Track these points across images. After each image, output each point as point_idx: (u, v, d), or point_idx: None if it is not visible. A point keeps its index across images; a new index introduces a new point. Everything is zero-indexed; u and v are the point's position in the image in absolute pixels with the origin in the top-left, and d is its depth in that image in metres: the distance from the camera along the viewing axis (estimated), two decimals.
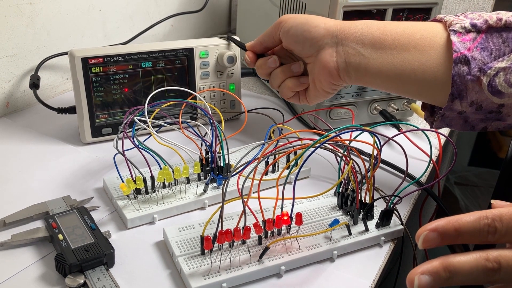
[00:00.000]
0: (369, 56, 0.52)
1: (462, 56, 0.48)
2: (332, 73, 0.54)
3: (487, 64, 0.47)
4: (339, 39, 0.53)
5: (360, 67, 0.53)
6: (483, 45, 0.48)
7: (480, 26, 0.48)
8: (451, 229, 0.36)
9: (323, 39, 0.54)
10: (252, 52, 0.62)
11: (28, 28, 0.72)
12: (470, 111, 0.50)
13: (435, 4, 0.68)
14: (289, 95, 0.61)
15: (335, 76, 0.54)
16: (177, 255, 0.45)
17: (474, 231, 0.36)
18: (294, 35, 0.56)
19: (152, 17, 0.94)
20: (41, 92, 0.76)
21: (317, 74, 0.56)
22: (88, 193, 0.56)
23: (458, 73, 0.48)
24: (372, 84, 0.54)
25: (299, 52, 0.57)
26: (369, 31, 0.53)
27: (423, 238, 0.36)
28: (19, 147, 0.64)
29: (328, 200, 0.55)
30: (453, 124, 0.53)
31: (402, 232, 0.52)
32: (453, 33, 0.49)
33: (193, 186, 0.55)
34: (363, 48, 0.52)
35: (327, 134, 0.46)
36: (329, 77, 0.55)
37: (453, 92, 0.49)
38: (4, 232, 0.49)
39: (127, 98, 0.66)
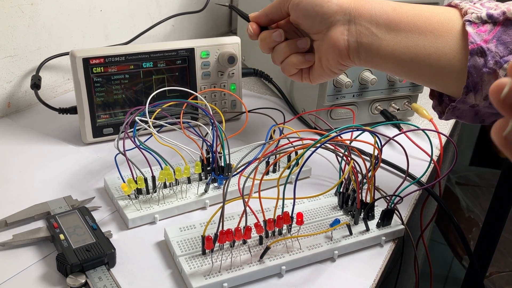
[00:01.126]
0: (383, 37, 0.50)
1: (478, 48, 0.46)
2: (341, 52, 0.52)
3: (503, 58, 0.45)
4: (352, 17, 0.51)
5: (372, 48, 0.51)
6: (499, 38, 0.46)
7: (497, 18, 0.46)
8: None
9: (335, 15, 0.51)
10: (255, 24, 0.58)
11: (30, 29, 0.73)
12: (484, 104, 0.48)
13: (435, 4, 0.68)
14: (292, 72, 0.58)
15: (344, 55, 0.52)
16: (178, 255, 0.45)
17: None
18: (304, 9, 0.53)
19: (153, 17, 0.94)
20: (42, 92, 0.76)
21: (324, 52, 0.54)
22: (89, 193, 0.56)
23: (474, 65, 0.46)
24: (382, 66, 0.52)
25: (308, 27, 0.54)
26: (384, 11, 0.50)
27: (510, 85, 0.28)
28: (20, 147, 0.65)
29: (329, 200, 0.55)
30: (463, 116, 0.51)
31: (403, 232, 0.52)
32: (468, 24, 0.47)
33: (194, 186, 0.56)
34: (376, 28, 0.50)
35: (328, 134, 0.46)
36: (338, 56, 0.53)
37: (468, 85, 0.47)
38: (6, 232, 0.49)
39: (128, 98, 0.66)
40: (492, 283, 1.30)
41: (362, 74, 0.69)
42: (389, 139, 0.49)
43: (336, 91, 0.69)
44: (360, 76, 0.69)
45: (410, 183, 0.55)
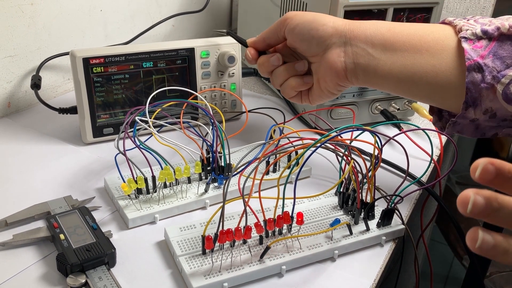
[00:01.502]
0: (379, 57, 0.51)
1: (476, 64, 0.47)
2: (339, 73, 0.53)
3: (500, 72, 0.46)
4: (347, 39, 0.52)
5: (369, 68, 0.52)
6: (496, 53, 0.46)
7: (491, 33, 0.47)
8: (506, 169, 0.34)
9: (330, 38, 0.52)
10: (253, 49, 0.60)
11: (30, 29, 0.73)
12: (483, 119, 0.49)
13: (436, 4, 0.68)
14: (291, 95, 0.59)
15: (342, 77, 0.53)
16: (178, 255, 0.45)
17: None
18: (300, 33, 0.54)
19: (153, 17, 0.94)
20: (43, 92, 0.76)
21: (322, 74, 0.55)
22: (90, 193, 0.56)
23: (472, 80, 0.47)
24: (380, 86, 0.53)
25: (305, 50, 0.55)
26: (379, 32, 0.51)
27: (482, 167, 0.33)
28: (20, 147, 0.65)
29: (329, 200, 0.55)
30: (464, 131, 0.52)
31: (403, 231, 0.52)
32: (464, 40, 0.48)
33: (194, 186, 0.56)
34: (372, 49, 0.51)
35: (328, 134, 0.46)
36: (336, 77, 0.54)
37: (467, 100, 0.48)
38: (6, 232, 0.49)
39: (128, 98, 0.66)
40: (493, 282, 1.30)
41: None
42: (389, 139, 0.49)
43: None
44: None
45: (410, 183, 0.55)
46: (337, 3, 0.63)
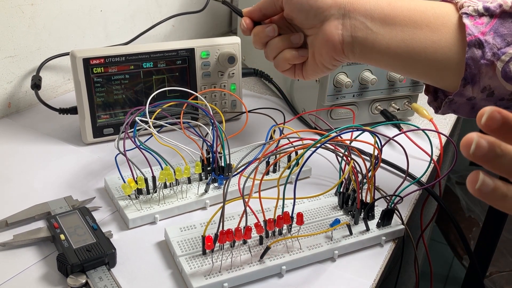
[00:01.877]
0: (378, 31, 0.50)
1: (476, 40, 0.46)
2: (335, 47, 0.52)
3: (500, 49, 0.46)
4: (346, 11, 0.51)
5: (366, 43, 0.51)
6: (497, 30, 0.46)
7: (493, 10, 0.47)
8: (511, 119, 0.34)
9: (329, 9, 0.51)
10: (249, 19, 0.58)
11: (30, 29, 0.73)
12: (481, 97, 0.49)
13: None
14: (285, 68, 0.58)
15: (338, 50, 0.52)
16: (178, 255, 0.45)
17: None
18: (298, 3, 0.52)
19: (153, 17, 0.94)
20: (43, 93, 0.76)
21: (318, 47, 0.53)
22: (90, 193, 0.56)
23: (472, 56, 0.46)
24: (377, 61, 0.52)
25: (301, 21, 0.54)
26: (379, 6, 0.50)
27: (488, 114, 0.34)
28: (20, 147, 0.65)
29: (329, 200, 0.55)
30: (460, 110, 0.51)
31: (403, 231, 0.52)
32: (465, 16, 0.47)
33: (194, 186, 0.56)
34: (371, 22, 0.50)
35: (328, 134, 0.46)
36: (332, 51, 0.52)
37: (466, 77, 0.47)
38: (6, 232, 0.49)
39: (129, 99, 0.66)
40: (493, 282, 1.30)
41: (362, 74, 0.69)
42: (389, 139, 0.49)
43: (336, 91, 0.69)
44: (360, 76, 0.69)
45: (410, 183, 0.55)
46: None
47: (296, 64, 0.57)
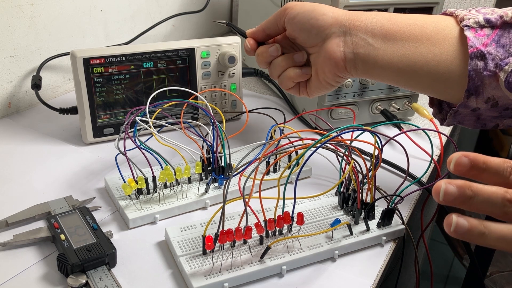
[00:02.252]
0: (379, 47, 0.51)
1: (478, 51, 0.47)
2: (338, 64, 0.52)
3: (503, 60, 0.46)
4: (347, 29, 0.51)
5: (368, 59, 0.51)
6: (498, 41, 0.46)
7: (494, 22, 0.47)
8: (481, 160, 0.37)
9: (330, 27, 0.52)
10: (252, 39, 0.59)
11: (30, 29, 0.73)
12: (485, 108, 0.49)
13: (436, 4, 0.68)
14: (289, 86, 0.59)
15: (341, 67, 0.53)
16: (178, 255, 0.45)
17: (498, 168, 0.37)
18: (300, 23, 0.53)
19: (153, 17, 0.94)
20: (43, 93, 0.76)
21: (321, 65, 0.54)
22: (90, 193, 0.56)
23: (474, 68, 0.47)
24: (379, 76, 0.53)
25: (304, 40, 0.55)
26: (380, 22, 0.51)
27: (455, 161, 0.36)
28: (21, 147, 0.65)
29: (330, 200, 0.55)
30: (465, 121, 0.51)
31: (403, 231, 0.52)
32: (467, 29, 0.48)
33: (194, 186, 0.56)
34: (372, 38, 0.51)
35: (328, 134, 0.46)
36: (335, 68, 0.53)
37: (470, 88, 0.48)
38: (7, 232, 0.49)
39: (129, 98, 0.66)
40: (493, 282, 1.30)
41: None
42: (389, 139, 0.49)
43: (337, 91, 0.69)
44: None
45: (410, 183, 0.55)
46: (337, 2, 0.63)
47: (300, 82, 0.58)
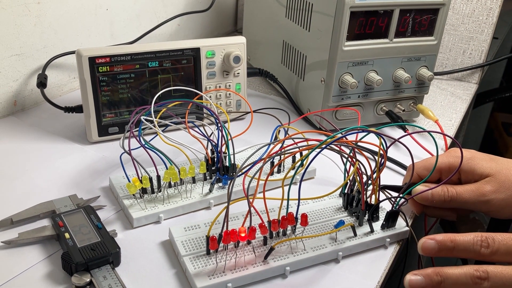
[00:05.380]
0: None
1: None
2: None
3: None
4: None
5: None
6: None
7: None
8: (448, 240, 0.42)
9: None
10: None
11: (36, 27, 0.73)
12: None
13: (442, 5, 0.68)
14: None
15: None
16: (182, 255, 0.45)
17: (468, 244, 0.42)
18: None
19: (158, 16, 0.94)
20: (48, 91, 0.76)
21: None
22: (95, 192, 0.56)
23: None
24: None
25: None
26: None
27: (421, 244, 0.43)
28: (26, 145, 0.65)
29: (334, 201, 0.55)
30: None
31: (407, 233, 0.52)
32: None
33: (198, 186, 0.56)
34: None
35: (333, 135, 0.46)
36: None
37: None
38: (11, 230, 0.49)
39: (134, 98, 0.66)
40: None
41: (367, 75, 0.69)
42: (394, 141, 0.49)
43: (342, 92, 0.69)
44: (366, 77, 0.69)
45: (415, 184, 0.54)
46: (343, 4, 0.63)
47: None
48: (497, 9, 0.90)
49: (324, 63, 0.68)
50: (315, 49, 0.71)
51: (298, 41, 0.76)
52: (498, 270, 0.40)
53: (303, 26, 0.73)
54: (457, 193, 0.50)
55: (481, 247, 0.42)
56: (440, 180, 0.54)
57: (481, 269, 0.40)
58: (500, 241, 0.42)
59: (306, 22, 0.72)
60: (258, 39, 0.91)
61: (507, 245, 0.41)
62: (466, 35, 0.95)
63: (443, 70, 0.98)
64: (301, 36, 0.75)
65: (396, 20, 0.67)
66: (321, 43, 0.68)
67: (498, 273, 0.39)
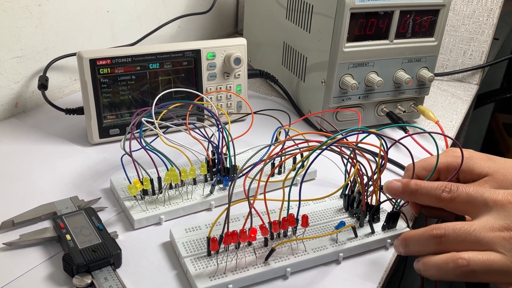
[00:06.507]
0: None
1: None
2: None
3: None
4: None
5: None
6: None
7: None
8: (413, 183, 0.46)
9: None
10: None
11: (37, 29, 0.73)
12: None
13: (442, 6, 0.68)
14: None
15: None
16: (183, 256, 0.45)
17: (431, 188, 0.45)
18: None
19: (159, 18, 0.94)
20: (50, 93, 0.76)
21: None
22: (96, 194, 0.56)
23: None
24: None
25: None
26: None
27: (387, 184, 0.47)
28: (27, 147, 0.65)
29: (334, 202, 0.55)
30: None
31: None
32: None
33: (199, 187, 0.56)
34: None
35: (333, 136, 0.46)
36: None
37: None
38: (13, 232, 0.49)
39: (135, 99, 0.67)
40: None
41: (368, 76, 0.69)
42: (394, 142, 0.49)
43: (342, 93, 0.69)
44: (366, 78, 0.69)
45: None
46: (343, 5, 0.63)
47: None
48: (498, 10, 0.90)
49: (324, 64, 0.68)
50: (315, 51, 0.71)
51: (299, 42, 0.76)
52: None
53: (304, 28, 0.73)
54: None
55: (442, 192, 0.44)
56: (439, 180, 0.54)
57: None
58: (462, 189, 0.43)
59: (307, 24, 0.72)
60: (259, 41, 0.91)
61: (467, 192, 0.43)
62: (466, 36, 0.95)
63: (443, 71, 0.98)
64: (301, 38, 0.75)
65: (397, 21, 0.67)
66: (322, 44, 0.68)
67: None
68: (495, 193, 0.42)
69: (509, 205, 0.41)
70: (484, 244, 0.39)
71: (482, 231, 0.40)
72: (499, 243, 0.39)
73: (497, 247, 0.39)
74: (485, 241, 0.39)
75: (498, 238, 0.39)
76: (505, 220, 0.40)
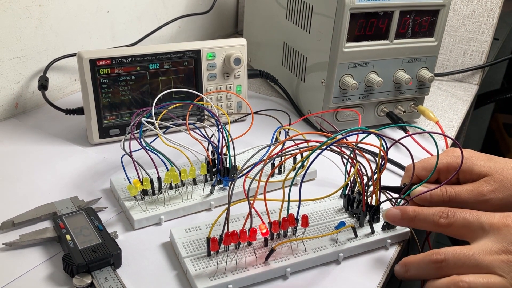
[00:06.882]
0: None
1: None
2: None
3: None
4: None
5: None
6: None
7: None
8: (411, 210, 0.47)
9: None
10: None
11: (37, 30, 0.73)
12: None
13: (442, 6, 0.68)
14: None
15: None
16: (183, 256, 0.45)
17: (429, 214, 0.45)
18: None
19: (159, 18, 0.94)
20: (50, 93, 0.77)
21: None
22: (96, 194, 0.56)
23: None
24: None
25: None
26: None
27: (386, 212, 0.48)
28: (27, 147, 0.65)
29: (334, 202, 0.55)
30: None
31: (408, 234, 0.52)
32: None
33: (199, 188, 0.56)
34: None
35: (333, 136, 0.46)
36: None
37: None
38: (13, 232, 0.49)
39: (135, 100, 0.67)
40: None
41: (368, 76, 0.69)
42: (394, 142, 0.49)
43: (342, 93, 0.69)
44: (366, 78, 0.69)
45: (416, 185, 0.54)
46: (343, 5, 0.63)
47: None
48: (498, 10, 0.90)
49: (324, 65, 0.68)
50: (315, 51, 0.71)
51: (299, 42, 0.76)
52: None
53: (304, 28, 0.73)
54: (455, 193, 0.50)
55: (439, 217, 0.45)
56: (439, 180, 0.54)
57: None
58: (459, 214, 0.44)
59: (307, 24, 0.72)
60: (259, 41, 0.91)
61: (464, 217, 0.44)
62: (466, 36, 0.95)
63: (443, 71, 0.98)
64: (301, 38, 0.75)
65: (396, 22, 0.67)
66: (322, 44, 0.68)
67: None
68: (491, 216, 0.43)
69: (505, 228, 0.42)
70: (484, 268, 0.40)
71: (481, 255, 0.41)
72: (498, 266, 0.40)
73: (497, 270, 0.40)
74: (484, 264, 0.40)
75: (497, 261, 0.40)
76: (502, 243, 0.41)
